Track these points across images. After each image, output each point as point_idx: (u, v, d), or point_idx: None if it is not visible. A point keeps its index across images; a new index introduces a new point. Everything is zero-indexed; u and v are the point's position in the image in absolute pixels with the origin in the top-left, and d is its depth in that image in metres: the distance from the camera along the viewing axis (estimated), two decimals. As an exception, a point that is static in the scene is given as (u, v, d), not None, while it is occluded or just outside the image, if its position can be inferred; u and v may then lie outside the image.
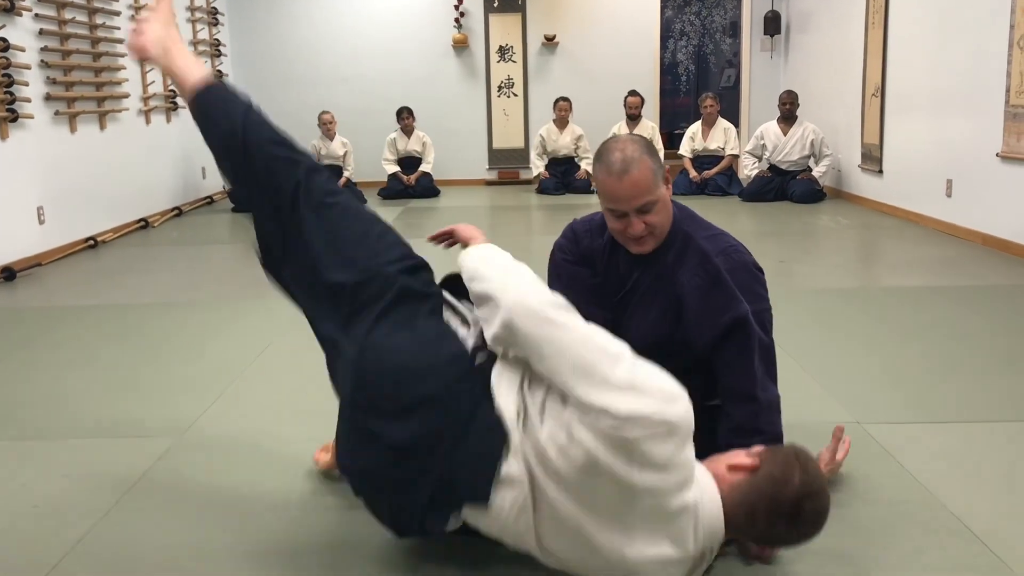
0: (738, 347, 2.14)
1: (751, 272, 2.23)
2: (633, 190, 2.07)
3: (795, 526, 1.78)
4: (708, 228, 2.29)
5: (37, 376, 3.55)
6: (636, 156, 2.07)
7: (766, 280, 2.29)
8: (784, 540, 1.87)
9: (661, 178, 2.13)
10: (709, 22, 10.37)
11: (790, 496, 1.75)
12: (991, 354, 3.54)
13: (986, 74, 5.76)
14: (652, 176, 2.08)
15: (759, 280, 2.25)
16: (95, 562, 2.09)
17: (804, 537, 1.83)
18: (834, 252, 5.97)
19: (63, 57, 6.48)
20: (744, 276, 2.20)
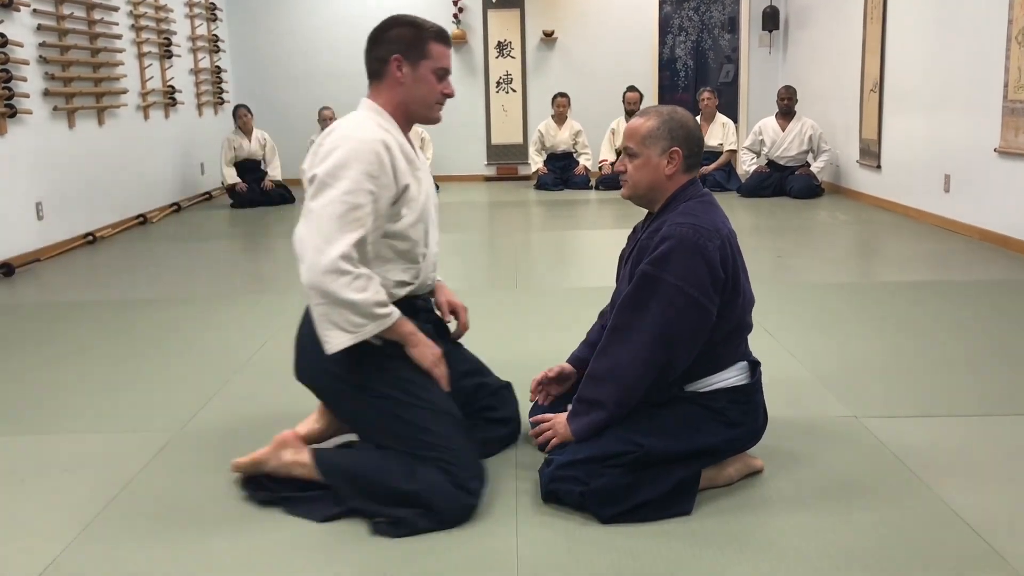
0: (625, 296, 2.23)
1: (677, 241, 2.17)
2: (629, 130, 2.33)
3: None
4: (701, 211, 2.26)
5: (36, 371, 3.55)
6: (655, 115, 2.29)
7: (704, 263, 2.16)
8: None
9: (659, 148, 2.27)
10: (708, 18, 10.36)
11: None
12: (988, 348, 3.55)
13: (984, 69, 5.76)
14: (648, 134, 2.28)
15: (679, 252, 2.16)
16: (92, 557, 2.09)
17: None
18: (832, 247, 5.98)
19: (62, 53, 6.47)
20: (669, 244, 2.18)
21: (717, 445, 2.26)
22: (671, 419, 2.24)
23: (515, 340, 3.82)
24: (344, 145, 2.20)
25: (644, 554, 2.03)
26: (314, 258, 2.13)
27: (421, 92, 2.34)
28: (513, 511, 2.25)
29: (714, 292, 2.18)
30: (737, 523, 2.17)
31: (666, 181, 2.29)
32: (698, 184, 2.35)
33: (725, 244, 2.21)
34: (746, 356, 2.35)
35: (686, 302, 2.16)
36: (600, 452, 2.21)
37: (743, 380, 2.31)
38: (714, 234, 2.20)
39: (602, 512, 2.17)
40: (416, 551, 2.07)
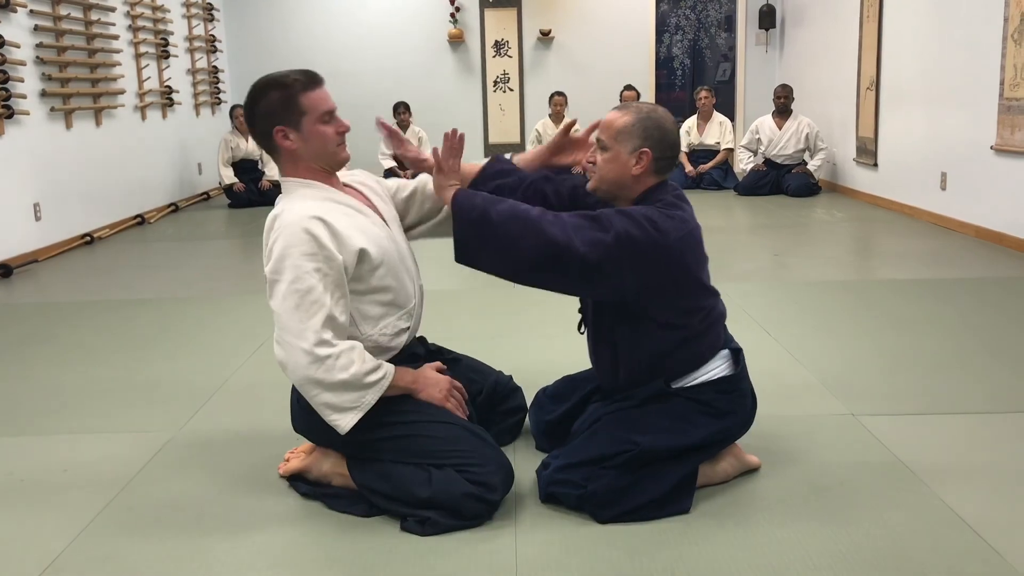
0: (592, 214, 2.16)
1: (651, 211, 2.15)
2: (604, 122, 2.27)
3: None
4: (663, 207, 2.19)
5: (34, 372, 3.55)
6: (632, 112, 2.24)
7: (647, 238, 2.10)
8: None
9: (630, 146, 2.21)
10: (704, 16, 10.36)
11: None
12: (985, 346, 3.56)
13: (980, 67, 5.78)
14: (621, 129, 2.21)
15: (634, 218, 2.11)
16: (93, 557, 2.10)
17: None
18: (829, 245, 5.99)
19: (59, 53, 6.47)
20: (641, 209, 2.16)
21: (711, 438, 2.26)
22: (662, 415, 2.24)
23: (510, 338, 3.83)
24: (279, 236, 2.17)
25: (643, 553, 2.04)
26: (292, 357, 2.14)
27: (316, 147, 2.28)
28: (512, 510, 2.25)
29: (668, 264, 2.15)
30: (735, 521, 2.18)
31: (632, 180, 2.23)
32: (668, 186, 2.27)
33: (688, 237, 2.17)
34: (727, 344, 2.34)
35: (647, 233, 2.09)
36: (596, 454, 2.22)
37: (727, 371, 2.30)
38: (681, 223, 2.16)
39: (601, 514, 2.18)
40: (416, 551, 2.08)
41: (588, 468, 2.21)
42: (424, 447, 2.24)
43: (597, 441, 2.25)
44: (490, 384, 2.63)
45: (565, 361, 2.94)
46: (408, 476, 2.22)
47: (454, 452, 2.22)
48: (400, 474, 2.23)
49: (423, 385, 2.33)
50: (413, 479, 2.20)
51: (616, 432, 2.24)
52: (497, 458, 2.27)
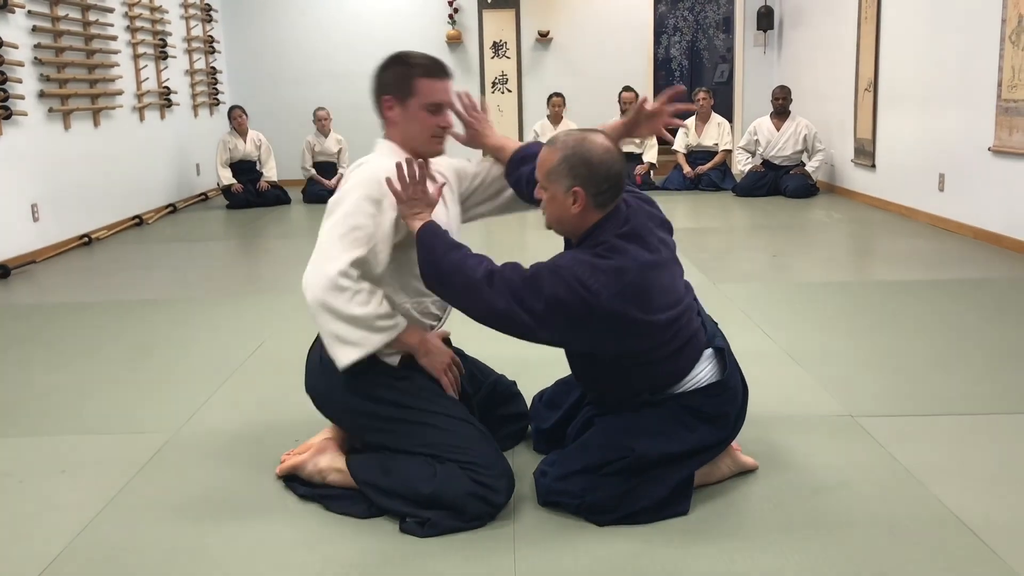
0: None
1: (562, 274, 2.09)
2: (539, 161, 2.22)
3: None
4: (601, 253, 2.12)
5: (32, 373, 3.55)
6: (559, 148, 2.15)
7: (572, 297, 2.05)
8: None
9: (563, 186, 2.14)
10: (702, 17, 10.38)
11: None
12: (982, 347, 3.57)
13: (978, 68, 5.78)
14: (550, 170, 2.15)
15: (564, 278, 2.06)
16: (91, 558, 2.10)
17: None
18: (827, 246, 5.99)
19: (57, 54, 6.47)
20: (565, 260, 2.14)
21: (707, 440, 2.25)
22: (656, 419, 2.23)
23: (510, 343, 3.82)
24: (356, 174, 2.33)
25: (642, 554, 2.04)
26: (314, 278, 2.20)
27: (413, 129, 2.40)
28: (511, 512, 2.25)
29: (558, 325, 2.09)
30: (734, 523, 2.18)
31: (575, 218, 2.16)
32: (614, 222, 2.16)
33: (625, 290, 2.06)
34: (709, 343, 2.28)
35: (573, 288, 2.05)
36: (593, 462, 2.22)
37: (714, 375, 2.25)
38: (613, 278, 2.06)
39: (599, 519, 2.19)
40: (414, 553, 2.08)
41: (586, 477, 2.21)
42: (433, 437, 2.25)
43: (593, 448, 2.25)
44: (490, 383, 2.64)
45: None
46: (411, 470, 2.22)
47: (462, 448, 2.23)
48: (403, 468, 2.23)
49: (427, 350, 2.33)
50: (416, 474, 2.20)
51: (612, 438, 2.24)
52: (502, 463, 2.27)
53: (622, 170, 2.18)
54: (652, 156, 9.06)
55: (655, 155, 9.08)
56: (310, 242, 2.37)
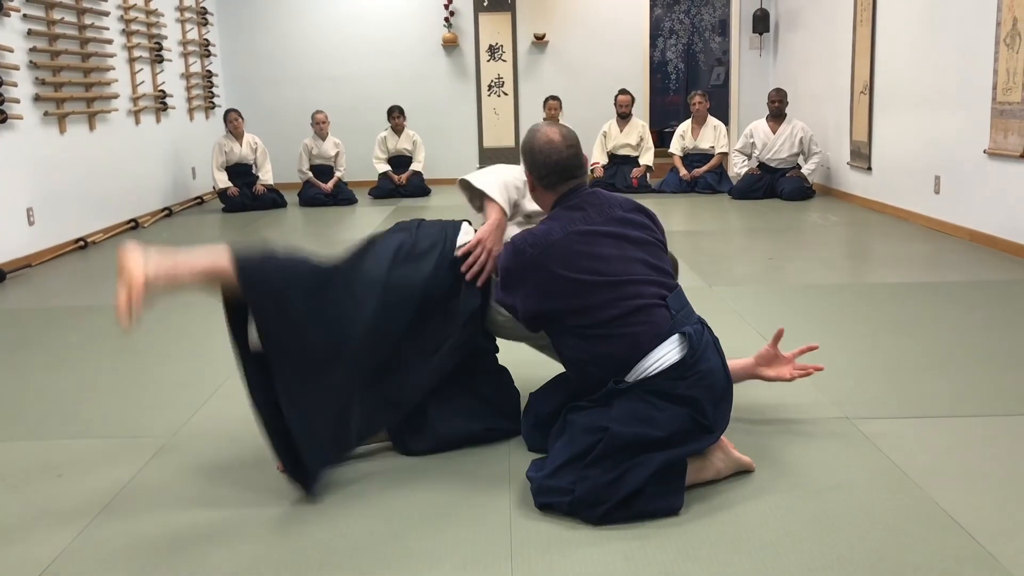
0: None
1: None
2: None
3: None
4: (549, 220, 2.46)
5: (28, 377, 3.54)
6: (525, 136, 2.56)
7: (510, 263, 2.41)
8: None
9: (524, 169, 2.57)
10: (698, 20, 10.40)
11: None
12: (979, 349, 3.57)
13: (973, 71, 5.80)
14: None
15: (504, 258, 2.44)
16: (87, 562, 2.09)
17: None
18: (823, 249, 6.00)
19: (52, 58, 6.46)
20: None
21: (681, 427, 2.23)
22: (626, 406, 2.25)
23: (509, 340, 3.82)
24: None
25: (637, 555, 2.04)
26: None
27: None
28: (507, 514, 2.25)
29: (523, 293, 2.38)
30: (729, 524, 2.18)
31: (537, 196, 2.58)
32: (570, 196, 2.47)
33: (548, 249, 2.33)
34: (675, 330, 2.29)
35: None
36: (575, 451, 2.24)
37: (676, 356, 2.26)
38: (539, 240, 2.35)
39: (592, 514, 2.18)
40: (410, 556, 2.07)
41: (571, 469, 2.22)
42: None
43: (574, 439, 2.28)
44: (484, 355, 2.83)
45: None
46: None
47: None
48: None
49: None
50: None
51: (587, 426, 2.27)
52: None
53: (566, 158, 2.44)
54: (648, 159, 9.07)
55: (651, 158, 9.10)
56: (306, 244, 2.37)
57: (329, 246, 6.38)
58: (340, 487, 2.45)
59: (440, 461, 2.60)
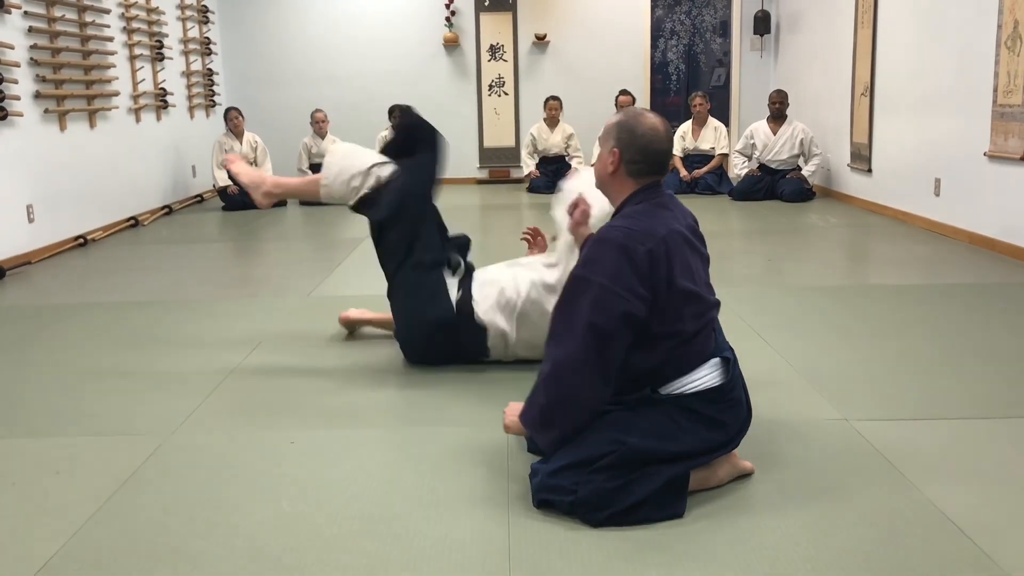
0: (558, 301, 2.31)
1: (602, 244, 2.25)
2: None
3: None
4: (642, 215, 2.30)
5: (27, 374, 3.54)
6: (620, 115, 2.40)
7: (629, 264, 2.19)
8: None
9: (607, 146, 2.37)
10: (699, 21, 10.39)
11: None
12: (977, 351, 3.57)
13: (974, 74, 5.80)
14: (605, 130, 2.39)
15: (603, 251, 2.23)
16: (85, 560, 2.09)
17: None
18: (823, 250, 6.00)
19: (53, 55, 6.46)
20: (598, 247, 2.26)
21: (701, 446, 2.26)
22: (652, 419, 2.24)
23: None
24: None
25: (636, 556, 2.04)
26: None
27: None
28: (505, 514, 2.25)
29: (644, 290, 2.18)
30: (728, 525, 2.18)
31: (611, 180, 2.37)
32: (653, 190, 2.35)
33: (658, 246, 2.20)
34: (717, 353, 2.32)
35: (612, 299, 2.17)
36: (585, 456, 2.22)
37: (716, 381, 2.29)
38: (645, 237, 2.21)
39: (593, 517, 2.18)
40: (409, 555, 2.07)
41: (578, 471, 2.21)
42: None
43: (586, 443, 2.24)
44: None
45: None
46: None
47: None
48: None
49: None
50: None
51: (605, 433, 2.24)
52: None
53: (664, 152, 2.36)
54: (648, 160, 9.06)
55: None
56: (306, 244, 2.39)
57: (330, 246, 6.39)
58: (338, 483, 2.45)
59: (439, 460, 2.60)
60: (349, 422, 2.94)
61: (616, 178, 2.36)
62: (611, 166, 2.34)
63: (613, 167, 2.34)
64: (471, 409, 3.01)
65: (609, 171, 2.35)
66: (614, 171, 2.34)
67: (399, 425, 2.93)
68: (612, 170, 2.34)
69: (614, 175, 2.35)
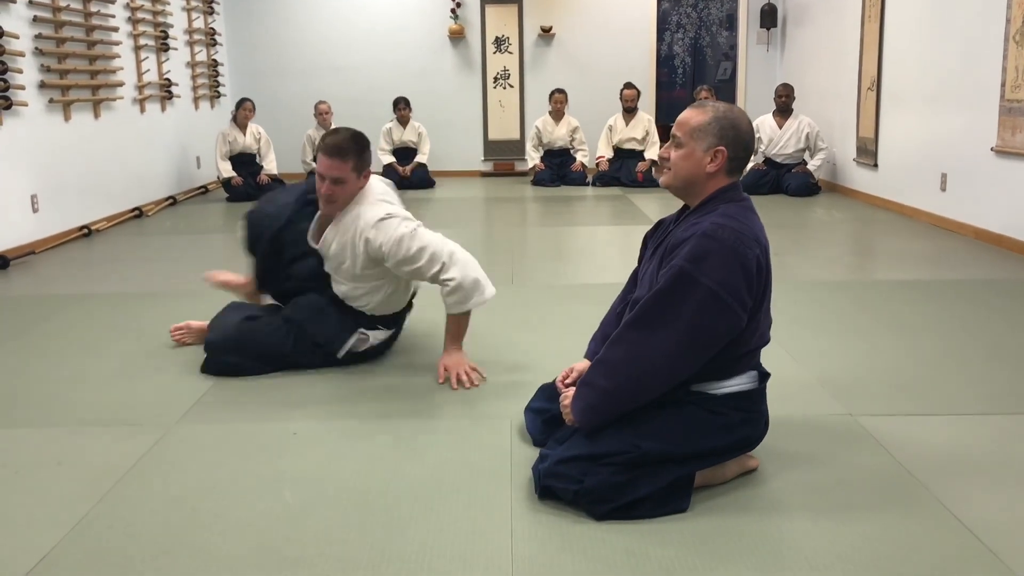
0: (657, 290, 2.19)
1: (712, 242, 2.14)
2: (680, 119, 2.31)
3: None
4: (742, 217, 2.23)
5: (30, 364, 3.54)
6: (710, 110, 2.27)
7: (741, 270, 2.13)
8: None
9: (705, 144, 2.24)
10: (706, 14, 10.35)
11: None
12: (983, 347, 3.56)
13: (981, 69, 5.77)
14: (697, 127, 2.25)
15: (715, 251, 2.13)
16: (86, 551, 2.09)
17: None
18: (828, 245, 5.98)
19: (58, 45, 6.45)
20: (709, 244, 2.14)
21: (715, 449, 2.25)
22: (673, 422, 2.22)
23: (511, 336, 3.81)
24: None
25: (639, 552, 2.03)
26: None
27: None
28: (508, 508, 2.24)
29: (749, 299, 2.15)
30: (733, 522, 2.17)
31: (706, 178, 2.26)
32: (739, 188, 2.30)
33: (763, 255, 2.19)
34: (757, 367, 2.34)
35: (720, 308, 2.12)
36: (597, 450, 2.20)
37: (750, 386, 2.30)
38: (754, 243, 2.17)
39: (596, 510, 2.17)
40: (410, 549, 2.07)
41: (586, 463, 2.20)
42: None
43: (601, 437, 2.23)
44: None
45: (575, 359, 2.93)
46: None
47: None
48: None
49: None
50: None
51: (622, 431, 2.22)
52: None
53: (754, 146, 2.25)
54: (654, 153, 9.04)
55: (657, 152, 9.07)
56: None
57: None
58: (340, 475, 2.45)
59: (442, 453, 2.59)
60: (351, 413, 2.93)
61: (711, 177, 2.26)
62: (712, 165, 2.24)
63: (716, 166, 2.24)
64: (474, 401, 3.01)
65: (708, 171, 2.24)
66: (716, 170, 2.24)
67: (402, 417, 2.92)
68: (715, 170, 2.24)
69: (712, 175, 2.25)
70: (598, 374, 2.24)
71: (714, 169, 2.24)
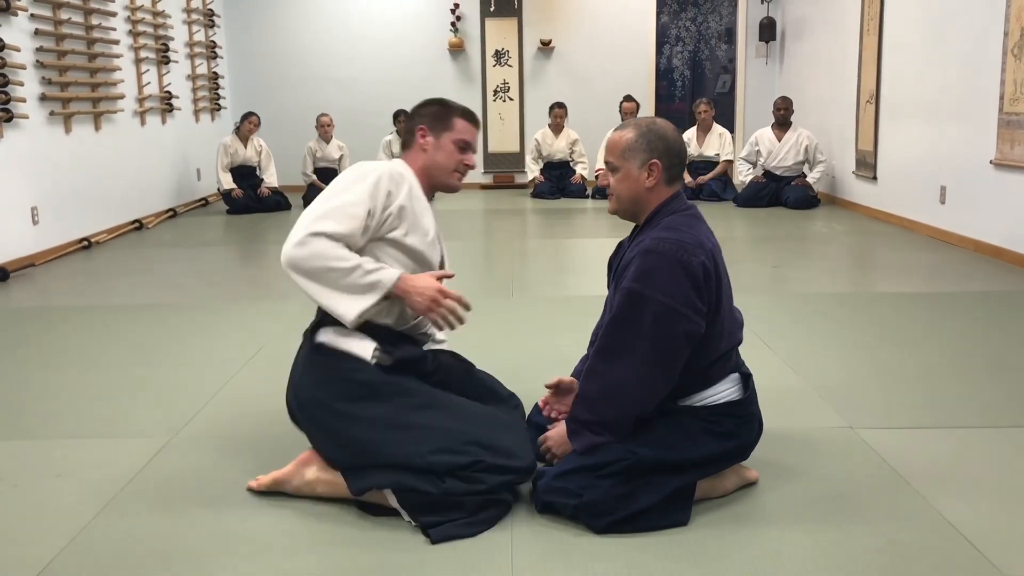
0: (612, 316, 2.22)
1: (655, 257, 2.17)
2: (609, 143, 2.32)
3: None
4: (684, 225, 2.24)
5: (30, 376, 3.54)
6: (633, 127, 2.29)
7: (687, 278, 2.14)
8: None
9: (639, 160, 2.26)
10: (704, 28, 10.38)
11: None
12: (982, 360, 3.56)
13: (980, 82, 5.79)
14: (627, 147, 2.27)
15: (658, 265, 2.15)
16: (87, 561, 2.09)
17: None
18: (827, 258, 5.99)
19: (58, 57, 6.47)
20: (652, 260, 2.16)
21: (711, 456, 2.25)
22: (665, 429, 2.23)
23: (511, 348, 3.82)
24: (367, 165, 2.42)
25: (640, 565, 2.03)
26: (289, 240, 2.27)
27: (439, 159, 2.49)
28: (508, 522, 2.24)
29: (701, 305, 2.17)
30: (733, 534, 2.17)
31: (647, 194, 2.27)
32: (682, 197, 2.32)
33: (708, 259, 2.19)
34: (737, 368, 2.34)
35: (676, 319, 2.14)
36: (593, 461, 2.21)
37: (736, 395, 2.30)
38: (698, 249, 2.18)
39: (596, 523, 2.17)
40: (410, 562, 2.06)
41: (585, 476, 2.20)
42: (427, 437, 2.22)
43: (597, 449, 2.23)
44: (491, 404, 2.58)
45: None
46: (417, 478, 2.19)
47: (454, 433, 2.23)
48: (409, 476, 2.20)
49: (405, 288, 2.28)
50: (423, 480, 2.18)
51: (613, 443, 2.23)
52: (508, 435, 2.31)
53: (686, 152, 2.34)
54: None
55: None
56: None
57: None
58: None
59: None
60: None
61: (654, 189, 2.27)
62: (651, 180, 2.25)
63: (655, 179, 2.25)
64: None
65: (647, 186, 2.26)
66: (655, 183, 2.26)
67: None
68: (653, 184, 2.25)
69: (653, 189, 2.26)
70: (583, 410, 2.28)
71: (652, 183, 2.26)
